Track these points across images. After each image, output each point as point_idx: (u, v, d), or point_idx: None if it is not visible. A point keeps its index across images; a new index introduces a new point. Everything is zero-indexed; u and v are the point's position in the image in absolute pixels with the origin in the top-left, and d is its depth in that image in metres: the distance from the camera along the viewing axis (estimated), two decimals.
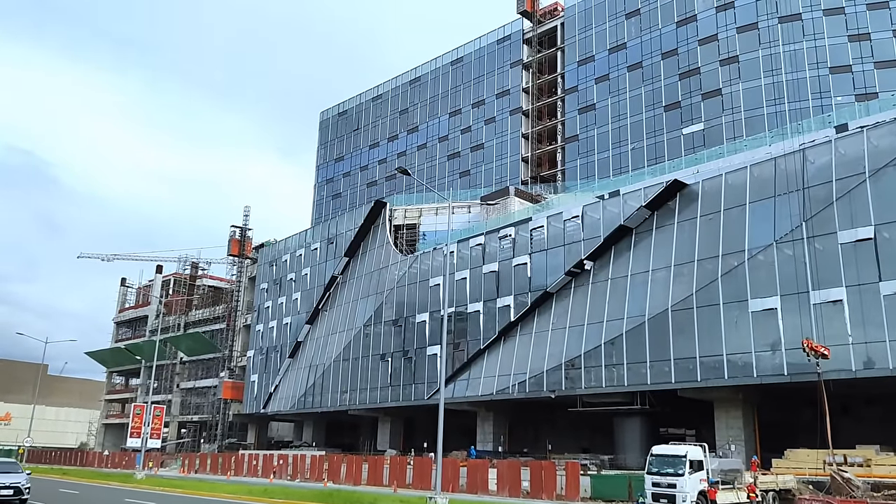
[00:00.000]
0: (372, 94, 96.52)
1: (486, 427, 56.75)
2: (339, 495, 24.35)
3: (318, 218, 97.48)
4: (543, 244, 51.15)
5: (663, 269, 43.92)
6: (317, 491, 29.70)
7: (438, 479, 24.15)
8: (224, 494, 27.17)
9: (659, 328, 43.01)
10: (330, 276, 70.62)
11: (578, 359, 46.95)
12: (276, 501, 24.02)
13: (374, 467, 48.63)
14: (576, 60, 73.96)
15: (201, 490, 30.13)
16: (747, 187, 41.12)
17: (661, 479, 28.63)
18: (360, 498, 22.35)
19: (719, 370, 40.00)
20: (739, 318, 39.47)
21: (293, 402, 71.43)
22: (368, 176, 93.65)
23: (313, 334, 71.89)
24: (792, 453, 38.56)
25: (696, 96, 63.48)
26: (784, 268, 38.29)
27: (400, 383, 59.96)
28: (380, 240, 67.15)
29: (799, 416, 45.54)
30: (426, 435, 63.75)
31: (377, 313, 63.99)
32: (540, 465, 38.97)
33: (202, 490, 30.04)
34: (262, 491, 28.69)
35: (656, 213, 45.46)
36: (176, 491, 29.86)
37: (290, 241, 79.69)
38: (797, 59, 59.47)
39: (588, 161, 69.81)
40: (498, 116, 79.17)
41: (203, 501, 25.48)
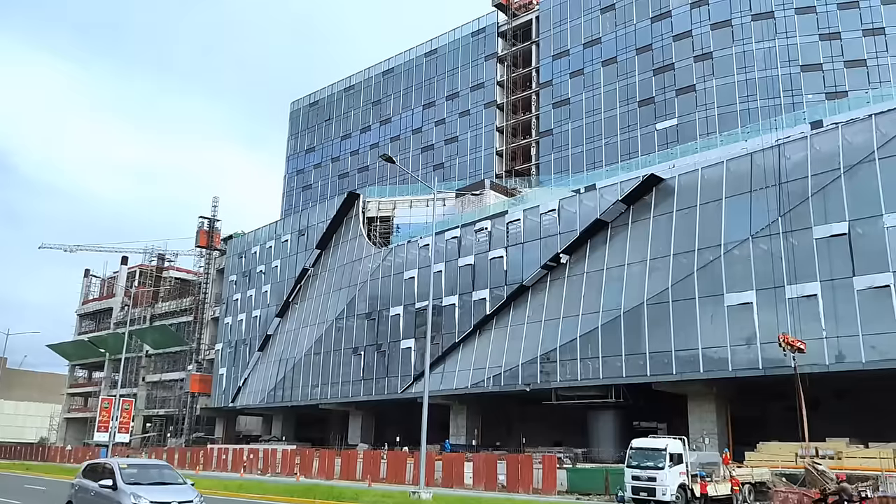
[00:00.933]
0: (344, 85, 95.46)
1: (460, 421, 56.52)
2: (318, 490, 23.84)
3: (288, 210, 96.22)
4: (520, 237, 51.00)
5: (639, 262, 44.04)
6: (293, 486, 29.13)
7: (422, 474, 23.80)
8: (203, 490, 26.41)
9: (634, 322, 43.16)
10: (301, 268, 69.74)
11: (554, 352, 46.92)
12: (253, 497, 23.43)
13: (347, 462, 48.19)
14: (550, 54, 73.88)
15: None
16: (723, 182, 41.37)
17: (641, 473, 28.64)
18: (340, 493, 21.88)
19: (694, 364, 40.24)
20: (715, 312, 39.73)
21: (262, 396, 70.48)
22: (340, 167, 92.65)
23: (283, 327, 70.97)
24: (764, 446, 38.98)
25: (670, 92, 63.80)
26: (759, 262, 38.62)
27: (373, 377, 59.46)
28: (353, 232, 66.45)
29: (768, 409, 46.18)
30: (398, 429, 63.34)
31: (350, 306, 63.35)
32: (516, 459, 38.89)
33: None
34: (237, 486, 28.03)
35: (632, 208, 45.54)
36: None
37: (259, 232, 78.52)
38: (769, 57, 60.06)
39: (562, 155, 69.84)
40: (472, 109, 78.80)
41: None
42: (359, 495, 21.54)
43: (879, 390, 37.68)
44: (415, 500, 20.49)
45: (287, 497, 22.10)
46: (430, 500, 20.52)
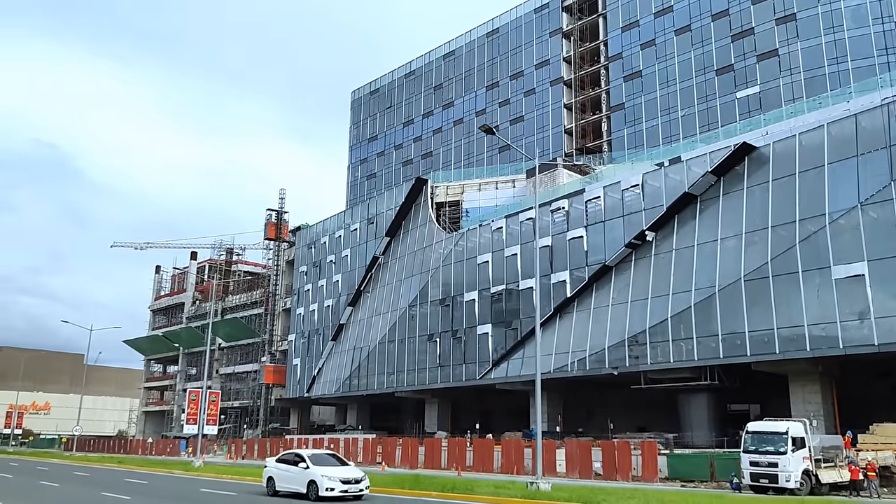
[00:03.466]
0: (404, 71, 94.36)
1: (544, 407, 54.91)
2: (425, 481, 22.72)
3: (353, 199, 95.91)
4: (600, 216, 49.00)
5: (733, 237, 41.63)
6: (398, 476, 28.12)
7: (539, 463, 22.38)
8: None
9: (731, 299, 40.81)
10: (371, 256, 69.07)
11: (643, 334, 44.91)
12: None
13: (430, 450, 47.27)
14: (619, 26, 71.18)
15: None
16: (825, 147, 38.59)
17: (761, 458, 26.79)
18: (453, 484, 20.72)
19: (799, 342, 37.76)
20: (821, 286, 37.14)
21: (338, 385, 70.25)
22: (403, 154, 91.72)
23: (356, 316, 70.50)
24: (879, 428, 36.21)
25: (751, 58, 60.58)
26: (871, 231, 35.85)
27: (449, 364, 58.37)
28: (422, 218, 65.35)
29: (873, 388, 43.34)
30: (473, 415, 62.31)
31: (422, 293, 62.35)
32: (613, 446, 37.28)
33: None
34: None
35: (723, 179, 43.08)
36: (247, 479, 28.43)
37: (328, 222, 78.21)
38: (859, 15, 56.35)
39: (635, 130, 67.27)
40: (538, 88, 76.69)
41: None
42: (472, 486, 20.32)
43: None
44: (534, 492, 19.17)
45: (398, 489, 21.04)
46: (550, 491, 19.16)
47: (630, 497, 17.33)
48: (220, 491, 23.89)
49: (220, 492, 23.76)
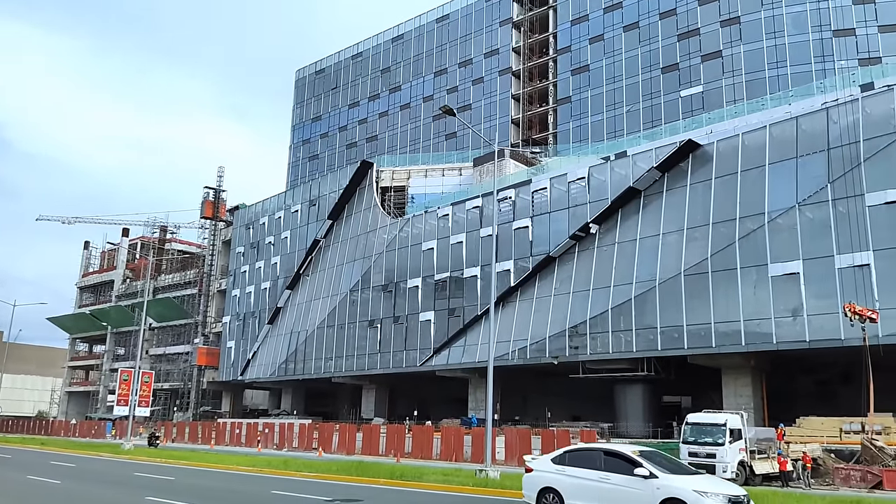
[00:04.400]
0: (351, 53, 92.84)
1: (479, 394, 55.06)
2: (371, 468, 22.34)
3: (294, 180, 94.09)
4: (546, 207, 49.29)
5: (675, 232, 42.45)
6: (343, 462, 27.63)
7: (488, 451, 22.26)
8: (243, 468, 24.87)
9: (670, 293, 41.66)
10: (312, 239, 67.92)
11: (583, 324, 45.46)
12: (307, 475, 21.79)
13: (369, 436, 46.81)
14: (569, 19, 71.60)
15: (209, 462, 27.77)
16: (766, 148, 39.66)
17: (699, 449, 27.35)
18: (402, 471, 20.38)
19: (735, 336, 38.85)
20: (758, 283, 38.24)
21: (273, 370, 69.02)
22: (348, 137, 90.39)
23: (294, 300, 69.31)
24: (805, 421, 37.66)
25: (696, 58, 61.81)
26: (807, 231, 37.08)
27: (390, 350, 57.97)
28: (366, 202, 64.57)
29: (799, 383, 45.04)
30: (410, 402, 62.11)
31: (364, 278, 61.68)
32: (552, 434, 37.62)
33: (210, 462, 27.69)
34: (281, 463, 26.53)
35: (667, 175, 43.85)
36: (182, 463, 27.44)
37: (267, 203, 76.54)
38: (800, 22, 58.08)
39: (581, 124, 67.91)
40: (486, 77, 76.60)
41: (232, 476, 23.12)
42: (420, 473, 20.05)
43: None
44: (483, 479, 19.02)
45: (345, 475, 20.60)
46: (500, 479, 19.04)
47: None
48: (158, 476, 22.94)
49: (157, 476, 22.81)
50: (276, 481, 20.45)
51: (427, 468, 24.25)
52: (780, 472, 27.98)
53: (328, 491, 17.32)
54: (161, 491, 18.25)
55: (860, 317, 30.54)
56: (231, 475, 23.05)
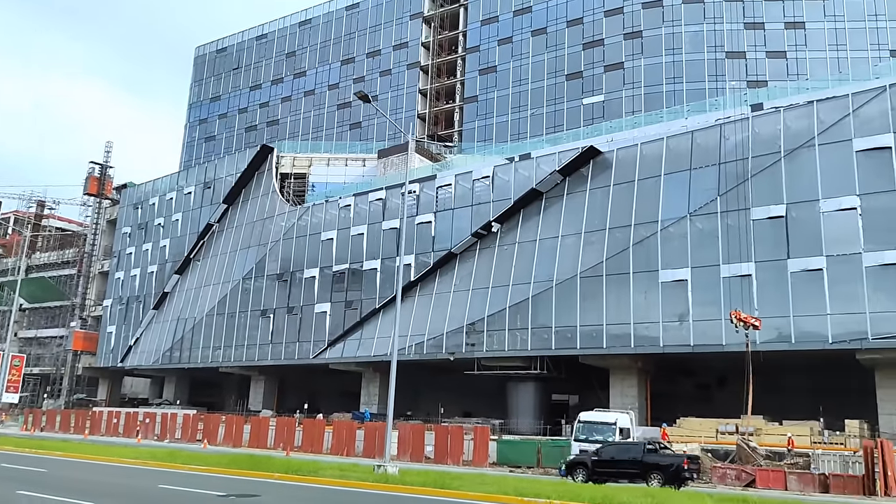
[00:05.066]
0: (256, 33, 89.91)
1: (372, 389, 54.68)
2: (266, 461, 21.50)
3: (188, 161, 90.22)
4: (450, 203, 49.45)
5: (573, 235, 43.53)
6: (235, 456, 26.52)
7: (388, 445, 21.89)
8: (125, 460, 23.31)
9: (567, 294, 42.68)
10: (205, 223, 65.33)
11: (481, 322, 45.90)
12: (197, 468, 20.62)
13: (257, 428, 45.62)
14: (479, 19, 72.17)
15: (85, 453, 25.91)
16: (663, 159, 41.32)
17: (590, 447, 28.03)
18: (298, 465, 19.68)
19: (625, 339, 40.26)
20: (649, 288, 39.75)
21: (157, 357, 65.94)
22: (248, 119, 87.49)
23: (183, 285, 66.43)
24: (685, 421, 39.54)
25: (599, 67, 63.69)
26: (696, 241, 38.86)
27: (282, 341, 56.54)
28: (265, 188, 62.71)
29: (680, 385, 47.21)
30: (300, 395, 60.89)
31: (259, 266, 59.89)
32: (446, 430, 37.72)
33: (86, 453, 25.83)
34: (167, 455, 25.08)
35: (569, 179, 44.93)
36: (54, 453, 25.41)
37: (159, 182, 73.00)
38: (696, 41, 60.92)
39: (487, 123, 68.61)
40: (394, 69, 76.06)
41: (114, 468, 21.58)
42: (317, 468, 19.48)
43: (789, 370, 38.76)
44: (381, 475, 18.70)
45: (237, 469, 19.68)
46: (398, 475, 18.77)
47: (482, 483, 17.35)
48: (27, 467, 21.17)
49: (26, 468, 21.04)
50: (163, 474, 19.29)
51: (322, 463, 23.65)
52: None
53: (221, 485, 16.47)
54: (33, 484, 16.85)
55: (745, 324, 32.26)
56: (112, 468, 21.60)
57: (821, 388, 37.67)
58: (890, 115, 34.61)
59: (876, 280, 33.57)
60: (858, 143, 35.08)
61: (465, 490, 15.88)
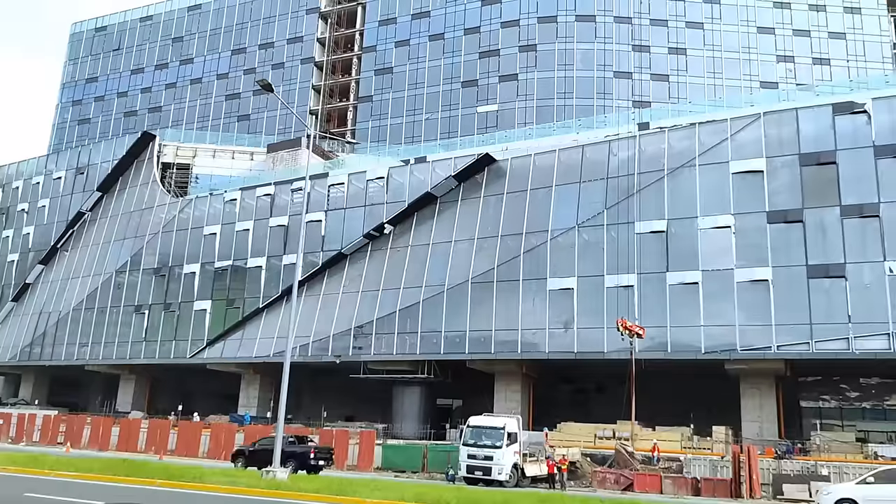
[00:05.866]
0: (140, 14, 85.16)
1: (251, 391, 52.85)
2: (146, 467, 19.99)
3: (58, 144, 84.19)
4: (342, 202, 48.64)
5: (466, 240, 43.87)
6: (108, 460, 24.63)
7: (277, 449, 20.91)
8: None
9: (457, 299, 42.90)
10: (76, 211, 61.14)
11: (370, 324, 45.36)
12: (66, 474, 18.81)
13: (127, 431, 43.01)
14: (377, 19, 71.67)
15: None
16: (554, 170, 42.40)
17: (478, 451, 28.19)
18: (180, 471, 18.39)
19: (512, 344, 40.94)
20: (537, 295, 40.62)
21: (14, 353, 60.97)
22: (128, 104, 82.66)
23: (47, 276, 61.82)
24: (565, 426, 40.74)
25: (494, 77, 64.73)
26: (583, 251, 40.08)
27: (157, 339, 53.67)
28: (144, 177, 59.46)
29: (558, 392, 48.57)
30: (173, 396, 58.08)
31: (134, 259, 56.65)
32: (331, 434, 36.95)
33: None
34: (28, 459, 22.79)
35: (463, 185, 45.28)
36: None
37: (24, 165, 67.74)
38: (587, 59, 63.12)
39: (381, 124, 68.15)
40: (287, 63, 74.16)
41: None
42: (203, 475, 18.36)
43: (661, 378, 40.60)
44: (269, 480, 17.87)
45: (112, 475, 18.17)
46: (289, 482, 17.98)
47: (377, 488, 16.93)
48: None
49: None
50: (28, 481, 17.50)
51: (205, 468, 22.45)
52: (548, 474, 29.77)
53: (99, 493, 15.07)
54: None
55: (630, 332, 33.52)
56: None
57: (690, 395, 39.74)
58: (763, 140, 37.10)
59: (745, 295, 35.79)
60: (735, 165, 37.37)
61: (363, 497, 15.43)
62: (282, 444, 23.02)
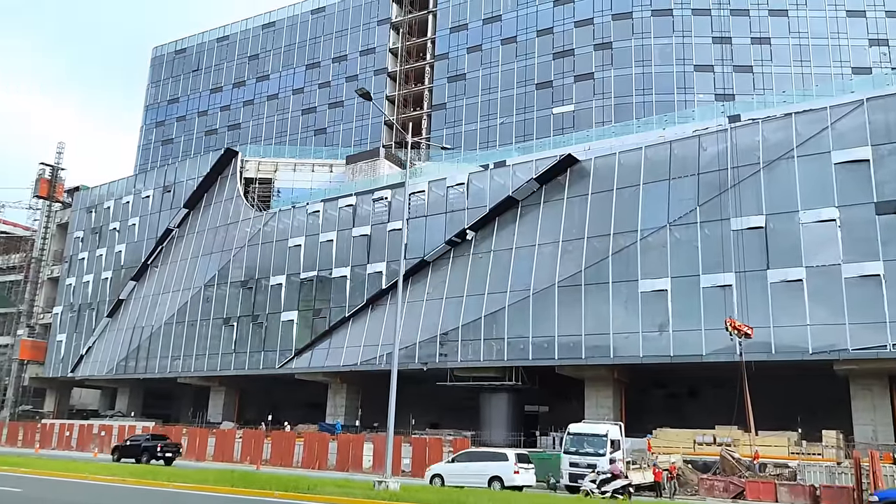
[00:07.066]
0: (217, 35, 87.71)
1: (339, 400, 53.24)
2: (257, 478, 20.15)
3: (144, 164, 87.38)
4: (423, 210, 48.54)
5: (551, 243, 43.06)
6: (219, 471, 25.03)
7: (389, 461, 20.83)
8: (100, 477, 21.53)
9: (543, 304, 42.12)
10: (164, 228, 63.07)
11: (455, 331, 45.05)
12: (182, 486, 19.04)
13: (222, 441, 43.87)
14: (448, 26, 71.69)
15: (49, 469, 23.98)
16: (641, 168, 41.19)
17: (580, 459, 27.46)
18: (296, 483, 18.41)
19: (604, 349, 39.87)
20: (628, 297, 39.48)
21: (111, 367, 63.23)
22: (208, 122, 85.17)
23: (139, 292, 63.94)
24: (661, 432, 39.28)
25: (569, 77, 63.75)
26: (675, 251, 38.74)
27: (246, 350, 54.71)
28: (228, 192, 60.86)
29: (650, 397, 47.09)
30: (261, 406, 59.08)
31: (222, 273, 57.96)
32: (424, 442, 36.76)
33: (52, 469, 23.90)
34: (145, 471, 23.33)
35: (545, 187, 44.51)
36: (18, 470, 23.38)
37: (114, 185, 70.36)
38: (665, 53, 61.46)
39: (455, 132, 67.95)
40: (361, 75, 74.89)
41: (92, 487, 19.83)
42: (315, 485, 18.28)
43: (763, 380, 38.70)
44: (382, 492, 17.65)
45: (227, 487, 18.22)
46: (398, 492, 17.75)
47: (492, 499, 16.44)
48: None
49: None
50: (155, 495, 17.67)
51: (313, 478, 22.43)
52: (655, 482, 28.71)
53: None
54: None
55: (738, 332, 32.10)
56: (90, 486, 19.79)
57: (794, 398, 37.82)
58: (867, 128, 35.05)
59: (854, 291, 33.83)
60: (837, 155, 35.43)
61: None
62: (140, 442, 38.54)
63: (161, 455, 37.31)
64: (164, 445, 37.74)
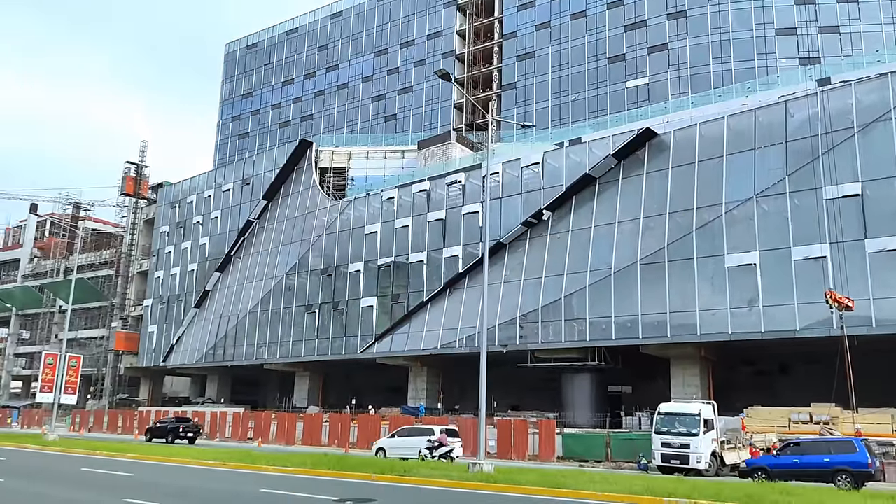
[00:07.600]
0: (286, 28, 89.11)
1: (419, 383, 53.74)
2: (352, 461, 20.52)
3: (222, 158, 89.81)
4: (498, 192, 48.11)
5: (631, 220, 42.08)
6: (316, 455, 25.62)
7: (482, 443, 20.91)
8: (200, 461, 22.43)
9: (625, 282, 41.27)
10: (245, 220, 64.75)
11: (534, 313, 44.65)
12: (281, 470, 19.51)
13: (309, 426, 44.80)
14: (515, 5, 70.66)
15: (152, 454, 25.15)
16: (724, 139, 39.70)
17: (673, 440, 26.78)
18: (391, 465, 18.63)
19: (690, 327, 38.79)
20: (715, 273, 38.24)
21: (200, 355, 65.58)
22: (281, 115, 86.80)
23: (224, 283, 65.95)
24: (753, 411, 37.93)
25: (642, 49, 61.96)
26: (763, 223, 37.25)
27: (328, 336, 55.77)
28: (304, 182, 61.93)
29: (738, 374, 45.65)
30: (344, 391, 60.17)
31: (302, 261, 59.16)
32: (509, 424, 36.62)
33: (155, 455, 25.06)
34: (243, 455, 24.21)
35: (623, 163, 43.44)
36: (126, 456, 24.62)
37: (195, 180, 72.59)
38: (743, 18, 58.96)
39: (526, 111, 67.08)
40: (429, 59, 74.80)
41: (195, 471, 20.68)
42: (411, 468, 18.44)
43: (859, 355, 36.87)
44: (478, 474, 17.64)
45: (324, 470, 18.62)
46: (493, 473, 17.70)
47: (591, 481, 16.22)
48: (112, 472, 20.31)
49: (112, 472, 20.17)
50: (254, 477, 18.25)
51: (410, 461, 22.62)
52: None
53: (325, 489, 15.34)
54: (129, 490, 15.92)
55: (840, 304, 30.67)
56: (194, 470, 20.63)
57: (892, 373, 35.92)
58: None
59: None
60: None
61: (583, 489, 14.73)
62: (167, 424, 43.03)
63: (184, 435, 41.91)
64: (186, 427, 42.56)
